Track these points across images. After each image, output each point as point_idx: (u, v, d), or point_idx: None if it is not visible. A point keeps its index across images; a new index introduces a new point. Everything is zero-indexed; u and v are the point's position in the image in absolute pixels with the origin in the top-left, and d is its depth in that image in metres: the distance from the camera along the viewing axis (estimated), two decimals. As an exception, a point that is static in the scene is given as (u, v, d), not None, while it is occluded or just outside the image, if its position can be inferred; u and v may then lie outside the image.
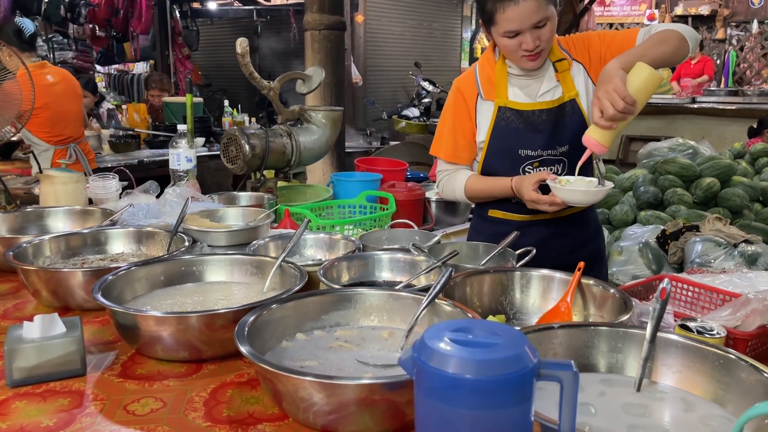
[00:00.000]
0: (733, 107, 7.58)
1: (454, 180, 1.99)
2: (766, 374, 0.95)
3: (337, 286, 1.40)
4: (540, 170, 1.85)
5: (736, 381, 1.00)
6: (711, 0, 10.53)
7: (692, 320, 1.24)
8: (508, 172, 1.87)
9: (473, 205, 2.19)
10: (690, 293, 1.52)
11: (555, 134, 1.84)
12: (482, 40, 14.92)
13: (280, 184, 2.68)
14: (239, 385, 1.17)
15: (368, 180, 2.90)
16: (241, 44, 2.42)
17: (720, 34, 10.63)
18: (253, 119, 6.65)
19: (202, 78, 9.63)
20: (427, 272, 1.47)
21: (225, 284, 1.52)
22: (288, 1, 9.98)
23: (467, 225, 2.81)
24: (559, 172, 1.86)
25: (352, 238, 1.75)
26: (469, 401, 0.72)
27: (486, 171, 1.93)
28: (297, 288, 1.34)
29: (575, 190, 1.70)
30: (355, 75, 8.67)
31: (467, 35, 15.24)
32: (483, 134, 1.91)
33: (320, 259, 1.73)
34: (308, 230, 1.79)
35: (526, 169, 1.87)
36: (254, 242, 1.70)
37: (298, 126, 2.68)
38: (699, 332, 1.19)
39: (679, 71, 9.41)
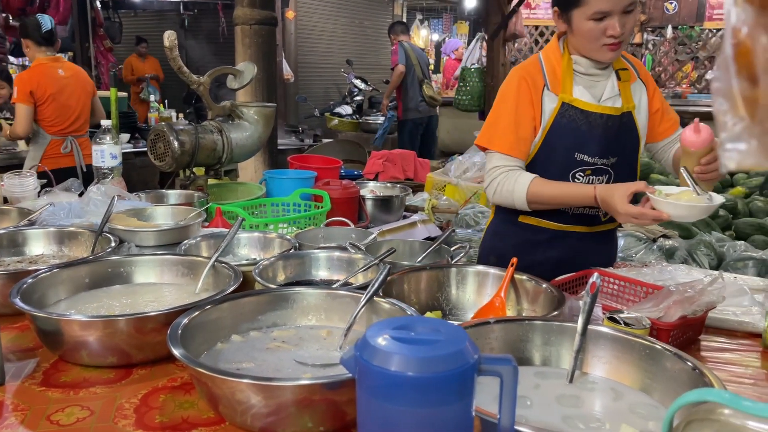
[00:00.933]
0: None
1: (515, 181, 1.73)
2: (689, 363, 1.00)
3: (273, 286, 1.37)
4: (591, 179, 1.75)
5: (661, 370, 1.05)
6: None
7: (619, 312, 1.29)
8: (560, 174, 1.74)
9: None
10: (616, 286, 1.58)
11: (611, 143, 1.74)
12: (412, 39, 15.05)
13: (211, 181, 2.61)
14: (172, 389, 1.13)
15: (302, 178, 2.87)
16: (169, 37, 2.34)
17: (637, 39, 11.11)
18: (181, 115, 6.46)
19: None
20: (364, 270, 1.47)
21: (155, 286, 1.47)
22: (216, -6, 9.74)
23: (402, 222, 2.83)
24: (603, 183, 1.75)
25: (288, 237, 1.73)
26: (411, 399, 0.72)
27: (535, 170, 1.76)
28: (232, 288, 1.30)
29: (683, 204, 1.49)
30: (287, 71, 8.56)
31: (398, 34, 15.34)
32: (546, 122, 1.75)
33: (254, 259, 1.69)
34: (241, 229, 1.75)
35: (576, 175, 1.74)
36: (185, 242, 1.65)
37: (230, 122, 2.62)
38: (626, 324, 1.24)
39: None
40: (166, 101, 6.45)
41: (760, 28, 0.29)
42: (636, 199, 1.57)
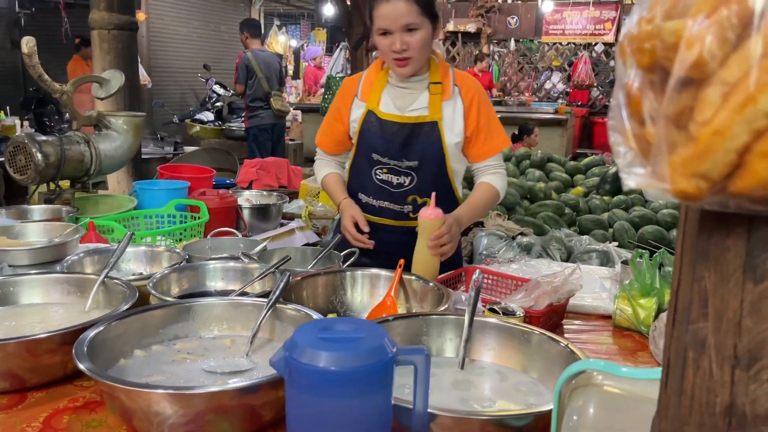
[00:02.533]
0: (498, 116, 8.56)
1: (320, 169, 2.13)
2: (561, 344, 1.16)
3: (170, 299, 1.37)
4: (390, 177, 1.95)
5: (537, 352, 1.21)
6: (476, 19, 11.76)
7: (497, 304, 1.45)
8: (367, 171, 1.98)
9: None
10: (490, 281, 1.75)
11: (406, 148, 1.91)
12: (270, 45, 14.96)
13: (78, 194, 2.48)
14: (75, 410, 1.10)
15: (175, 188, 2.81)
16: (28, 43, 2.20)
17: (484, 50, 11.91)
18: (26, 122, 5.95)
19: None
20: (261, 278, 1.50)
21: (40, 306, 1.40)
22: (58, -8, 9.05)
23: (280, 230, 2.86)
24: (405, 184, 1.94)
25: (177, 250, 1.72)
26: (339, 392, 0.80)
27: (354, 166, 2.04)
28: (129, 304, 1.29)
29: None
30: (143, 77, 8.17)
31: (256, 39, 15.17)
32: (354, 132, 2.00)
33: (141, 273, 1.66)
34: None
35: (376, 172, 1.97)
36: (67, 258, 1.59)
37: (97, 133, 2.50)
38: (504, 313, 1.40)
39: None
40: (7, 108, 5.90)
41: (647, 85, 0.40)
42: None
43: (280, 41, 15.61)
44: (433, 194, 1.75)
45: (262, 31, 16.15)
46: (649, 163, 0.39)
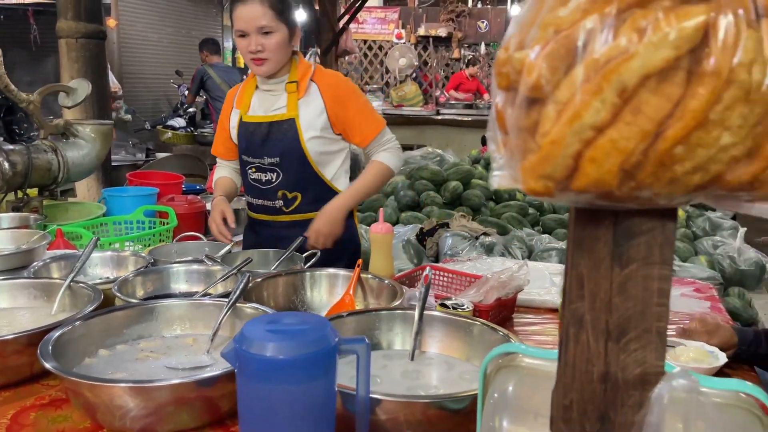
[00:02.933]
0: (468, 118, 8.72)
1: (216, 174, 2.31)
2: (500, 333, 1.24)
3: (134, 301, 1.43)
4: (259, 175, 2.09)
5: (481, 342, 1.29)
6: (447, 24, 11.91)
7: (448, 299, 1.53)
8: (244, 172, 2.15)
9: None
10: (445, 278, 1.83)
11: (266, 146, 2.06)
12: (244, 50, 14.95)
13: (47, 202, 2.51)
14: (42, 407, 1.16)
15: (144, 195, 2.85)
16: (-6, 54, 2.23)
17: (456, 54, 12.07)
18: (-7, 131, 5.90)
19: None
20: (223, 280, 1.57)
21: (7, 310, 1.45)
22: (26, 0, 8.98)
23: (248, 234, 2.92)
24: (273, 180, 2.08)
25: (142, 254, 1.77)
26: (286, 378, 0.87)
27: (240, 169, 2.20)
28: (93, 306, 1.34)
29: None
30: (114, 84, 8.13)
31: (229, 44, 15.15)
32: (234, 133, 2.16)
33: (108, 277, 1.71)
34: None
35: (248, 171, 2.13)
36: (34, 264, 1.63)
37: (64, 141, 2.54)
38: (454, 308, 1.48)
39: (456, 83, 10.44)
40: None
41: (507, 103, 0.49)
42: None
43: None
44: (381, 209, 1.92)
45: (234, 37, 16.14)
46: (509, 167, 0.47)
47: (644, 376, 0.59)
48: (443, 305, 1.48)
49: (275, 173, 2.07)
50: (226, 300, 1.35)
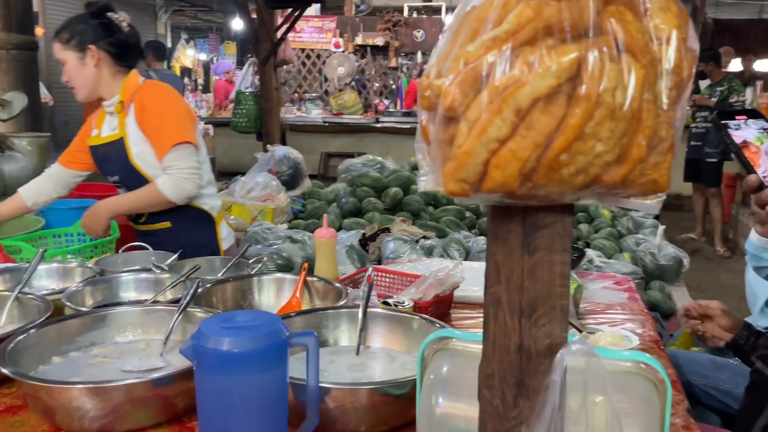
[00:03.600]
0: (407, 126, 8.90)
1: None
2: (437, 324, 1.35)
3: (85, 309, 1.46)
4: (119, 192, 2.34)
5: (420, 335, 1.39)
6: (384, 33, 12.10)
7: (390, 298, 1.63)
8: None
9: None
10: (387, 279, 1.93)
11: (106, 166, 2.28)
12: (179, 60, 14.75)
13: (-18, 217, 2.47)
14: (-3, 415, 1.19)
15: (83, 207, 2.83)
16: (-75, 67, 2.20)
17: (393, 63, 12.27)
18: None
19: None
20: (172, 287, 1.62)
21: (-46, 324, 1.46)
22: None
23: (192, 244, 2.94)
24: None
25: (89, 265, 1.79)
26: (242, 370, 0.94)
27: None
28: (45, 316, 1.37)
29: None
30: (45, 95, 7.90)
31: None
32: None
33: (54, 289, 1.73)
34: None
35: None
36: (-23, 278, 1.63)
37: (0, 155, 2.51)
38: (395, 305, 1.58)
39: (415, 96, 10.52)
40: None
41: (430, 120, 0.59)
42: None
43: (188, 55, 15.40)
44: (325, 216, 2.01)
45: (169, 45, 15.87)
46: (432, 173, 0.58)
47: (552, 346, 0.70)
48: (385, 303, 1.58)
49: (122, 189, 2.29)
50: (177, 306, 1.40)
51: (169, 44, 16.52)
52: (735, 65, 9.03)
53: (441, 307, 1.75)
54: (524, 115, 0.52)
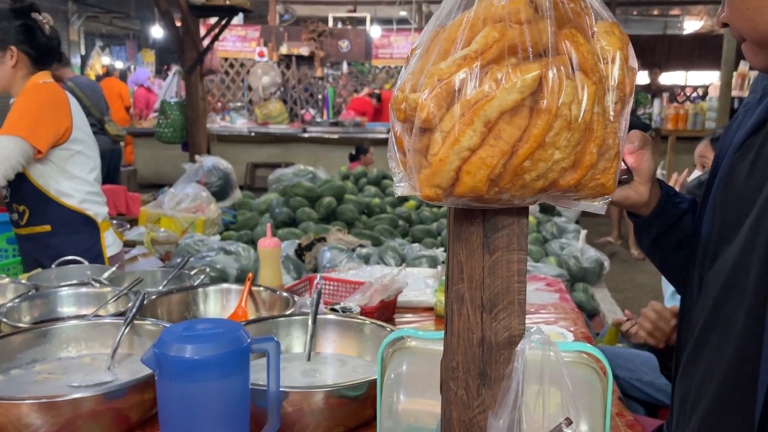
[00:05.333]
0: (335, 136, 8.94)
1: None
2: (387, 328, 1.40)
3: (24, 325, 1.42)
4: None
5: (370, 338, 1.43)
6: (309, 43, 12.12)
7: (337, 304, 1.66)
8: None
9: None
10: (332, 286, 1.96)
11: None
12: (93, 67, 14.19)
13: None
14: (-64, 438, 1.13)
15: (3, 222, 2.71)
16: None
17: (319, 73, 12.30)
18: None
19: None
20: (115, 300, 1.59)
21: None
22: None
23: (125, 257, 2.86)
24: (6, 195, 2.27)
25: (23, 281, 1.73)
26: (203, 376, 0.95)
27: None
28: (-20, 334, 1.32)
29: None
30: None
31: (76, 61, 14.30)
32: None
33: (-16, 306, 1.66)
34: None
35: None
36: None
37: None
38: (343, 311, 1.61)
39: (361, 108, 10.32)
40: None
41: (405, 131, 0.64)
42: None
43: (103, 62, 14.84)
44: (269, 225, 2.05)
45: (83, 52, 15.24)
46: (408, 179, 0.62)
47: (511, 338, 0.76)
48: (333, 309, 1.61)
49: (6, 188, 2.24)
50: (122, 319, 1.38)
51: (83, 51, 15.87)
52: (642, 78, 9.64)
53: (386, 312, 1.79)
54: (492, 126, 0.58)
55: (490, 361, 0.76)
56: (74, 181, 2.27)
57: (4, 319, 1.42)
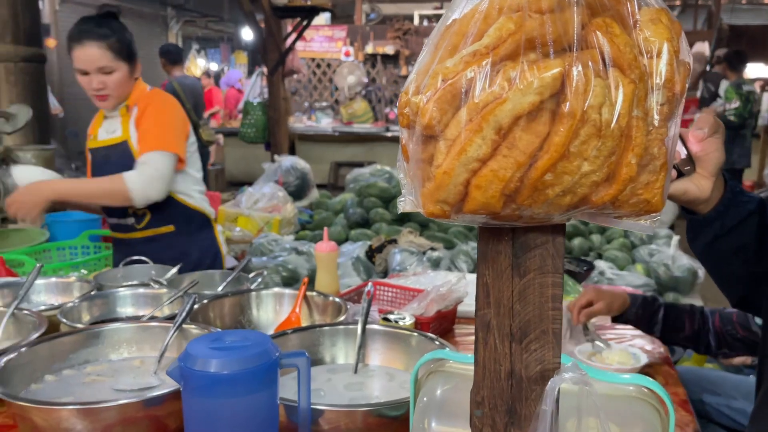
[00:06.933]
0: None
1: None
2: (437, 342, 1.32)
3: (80, 326, 1.44)
4: None
5: (417, 351, 1.36)
6: (394, 41, 12.12)
7: (391, 313, 1.60)
8: None
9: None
10: (390, 293, 1.90)
11: (107, 168, 2.16)
12: (190, 70, 14.83)
13: (-14, 230, 2.48)
14: (-13, 435, 1.17)
15: (88, 219, 2.83)
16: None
17: (404, 71, 12.27)
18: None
19: None
20: (170, 302, 1.60)
21: (-51, 341, 1.45)
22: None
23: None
24: None
25: (88, 279, 1.78)
26: (230, 392, 0.92)
27: None
28: (38, 333, 1.36)
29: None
30: (55, 106, 7.97)
31: (175, 63, 14.99)
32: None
33: (53, 304, 1.72)
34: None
35: None
36: (-25, 294, 1.62)
37: (4, 168, 2.51)
38: (396, 322, 1.55)
39: None
40: None
41: (409, 138, 0.56)
42: None
43: (199, 65, 15.50)
44: (326, 228, 1.97)
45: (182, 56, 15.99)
46: (411, 193, 0.55)
47: (544, 372, 0.66)
48: (386, 319, 1.55)
49: None
50: (173, 322, 1.38)
51: (181, 56, 16.63)
52: (758, 71, 8.92)
53: (443, 323, 1.71)
54: (505, 133, 0.50)
55: (520, 398, 0.67)
56: (191, 180, 2.29)
57: (64, 320, 1.45)
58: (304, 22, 5.85)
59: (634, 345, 1.61)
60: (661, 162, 0.53)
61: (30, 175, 2.18)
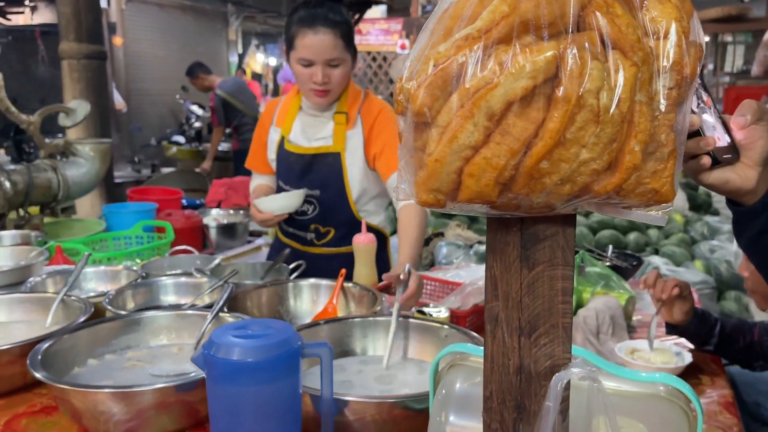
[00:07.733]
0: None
1: (253, 181, 2.23)
2: (469, 336, 1.30)
3: (123, 312, 1.49)
4: (311, 209, 2.03)
5: (448, 344, 1.34)
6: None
7: (426, 306, 1.58)
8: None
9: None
10: (429, 286, 1.89)
11: (306, 177, 1.99)
12: (249, 65, 15.12)
13: (47, 219, 2.60)
14: (33, 414, 1.22)
15: (143, 210, 2.93)
16: (-5, 78, 2.33)
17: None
18: (2, 151, 6.05)
19: None
20: (210, 291, 1.63)
21: (3, 324, 1.52)
22: (34, 21, 9.17)
23: (247, 247, 2.99)
24: (308, 212, 2.02)
25: (134, 268, 1.84)
26: (251, 380, 0.93)
27: (277, 184, 2.12)
28: (83, 318, 1.41)
29: (267, 199, 1.97)
30: (119, 102, 8.28)
31: (234, 59, 15.33)
32: (273, 153, 2.07)
33: (102, 291, 1.79)
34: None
35: None
36: (30, 279, 1.71)
37: (64, 160, 2.63)
38: (430, 315, 1.53)
39: None
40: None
41: (404, 126, 0.55)
42: None
43: (258, 60, 15.79)
44: (363, 221, 1.87)
45: (240, 51, 16.32)
46: (406, 182, 0.54)
47: (554, 367, 0.64)
48: (420, 312, 1.54)
49: (312, 206, 2.00)
50: (210, 310, 1.41)
51: (240, 50, 16.98)
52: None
53: (481, 317, 1.68)
54: (498, 120, 0.48)
55: (529, 393, 0.65)
56: (379, 199, 2.10)
57: (109, 306, 1.51)
58: (357, 15, 5.86)
59: (680, 343, 1.54)
60: (670, 149, 0.50)
61: (281, 204, 1.94)
